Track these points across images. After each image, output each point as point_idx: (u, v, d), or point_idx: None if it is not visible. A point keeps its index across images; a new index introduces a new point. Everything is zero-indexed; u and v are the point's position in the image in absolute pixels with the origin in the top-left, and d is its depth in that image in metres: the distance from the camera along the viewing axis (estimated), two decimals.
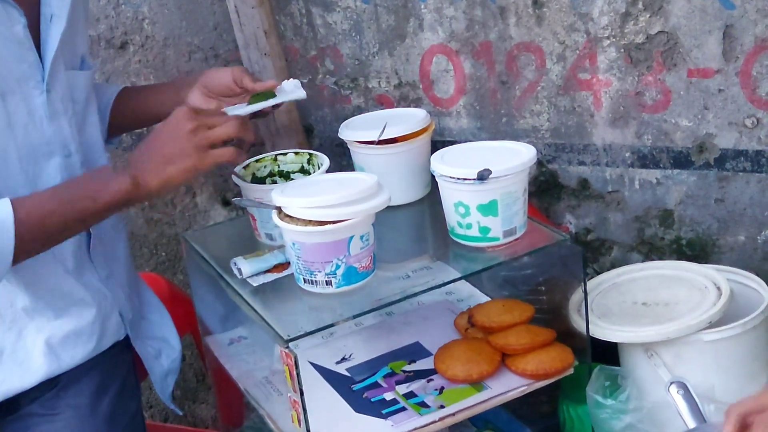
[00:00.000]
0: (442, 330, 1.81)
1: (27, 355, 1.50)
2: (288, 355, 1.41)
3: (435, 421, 1.59)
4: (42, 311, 1.49)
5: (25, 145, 1.41)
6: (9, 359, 1.49)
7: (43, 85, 1.44)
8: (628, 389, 1.67)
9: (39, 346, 1.50)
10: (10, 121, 1.40)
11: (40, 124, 1.44)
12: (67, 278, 1.51)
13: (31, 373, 1.50)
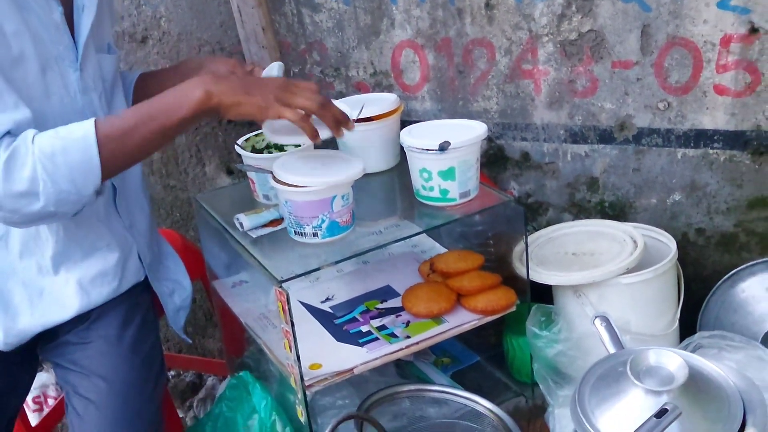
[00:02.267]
0: (409, 275, 1.81)
1: (62, 293, 1.49)
2: (281, 293, 1.41)
3: (402, 348, 1.59)
4: (71, 256, 1.48)
5: (60, 113, 1.39)
6: (48, 298, 1.48)
7: (77, 64, 1.42)
8: (560, 323, 1.68)
9: (72, 285, 1.49)
10: (48, 92, 1.38)
11: (74, 96, 1.42)
12: (98, 225, 1.50)
13: (66, 308, 1.49)
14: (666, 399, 1.24)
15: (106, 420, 1.43)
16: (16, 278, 1.46)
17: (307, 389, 1.50)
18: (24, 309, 1.47)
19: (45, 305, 1.48)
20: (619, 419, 1.27)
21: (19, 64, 1.32)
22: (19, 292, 1.47)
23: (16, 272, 1.46)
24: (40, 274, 1.47)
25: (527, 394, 1.78)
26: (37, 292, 1.47)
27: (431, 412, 1.66)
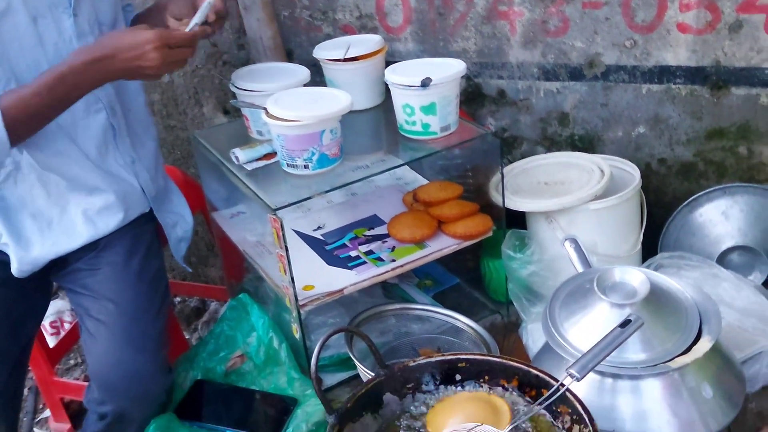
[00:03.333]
0: (394, 205, 1.80)
1: (71, 223, 1.46)
2: (275, 220, 1.40)
3: (388, 271, 1.59)
4: (77, 189, 1.45)
5: (56, 59, 1.34)
6: (57, 227, 1.46)
7: (70, 10, 1.36)
8: (533, 246, 1.68)
9: (79, 216, 1.47)
10: (42, 40, 1.33)
11: (69, 42, 1.37)
12: (89, 165, 1.46)
13: (75, 237, 1.47)
14: (629, 311, 1.25)
15: (116, 338, 1.42)
16: (26, 211, 1.44)
17: (301, 308, 1.50)
18: (35, 239, 1.45)
19: (55, 235, 1.46)
20: (587, 330, 1.28)
21: (5, 17, 1.28)
22: (29, 223, 1.45)
23: (25, 205, 1.43)
24: (48, 206, 1.44)
25: (503, 312, 1.79)
26: (46, 223, 1.45)
27: (415, 328, 1.66)
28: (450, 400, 1.18)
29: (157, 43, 1.30)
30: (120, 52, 1.30)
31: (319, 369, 1.63)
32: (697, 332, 1.26)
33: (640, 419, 1.23)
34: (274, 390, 1.53)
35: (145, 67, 1.31)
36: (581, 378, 1.09)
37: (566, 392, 1.09)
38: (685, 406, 1.22)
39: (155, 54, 1.30)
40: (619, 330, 1.16)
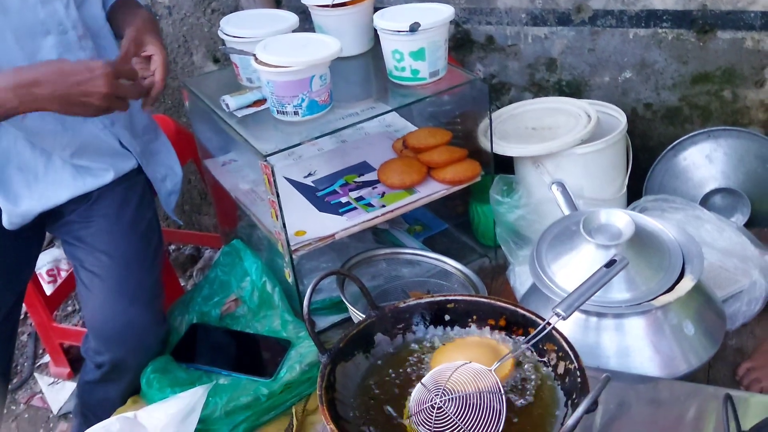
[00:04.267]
0: (383, 152, 1.78)
1: (57, 176, 1.44)
2: (266, 166, 1.39)
3: (378, 216, 1.59)
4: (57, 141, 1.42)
5: (20, 26, 1.29)
6: (44, 180, 1.43)
7: None
8: (521, 191, 1.68)
9: (67, 169, 1.44)
10: (4, 7, 1.28)
11: (34, 7, 1.31)
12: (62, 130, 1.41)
13: (63, 189, 1.45)
14: (614, 252, 1.25)
15: (110, 290, 1.42)
16: (12, 164, 1.41)
17: (293, 253, 1.50)
18: (23, 192, 1.43)
19: (42, 188, 1.44)
20: (573, 271, 1.29)
21: None
22: (16, 177, 1.42)
23: (11, 159, 1.40)
24: (34, 158, 1.42)
25: (491, 255, 1.80)
26: (33, 175, 1.42)
27: (405, 272, 1.67)
28: (459, 342, 1.18)
29: (107, 69, 1.22)
30: (63, 75, 1.20)
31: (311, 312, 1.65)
32: (680, 272, 1.28)
33: (624, 355, 1.24)
34: (268, 332, 1.54)
35: (89, 93, 1.21)
36: (567, 317, 1.10)
37: (552, 330, 1.09)
38: (667, 342, 1.23)
39: (102, 81, 1.21)
40: (604, 270, 1.16)
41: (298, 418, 1.38)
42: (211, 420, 1.34)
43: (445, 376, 1.07)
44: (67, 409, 2.04)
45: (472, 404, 1.03)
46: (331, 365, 1.10)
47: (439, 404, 1.03)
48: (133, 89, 1.31)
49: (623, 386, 1.19)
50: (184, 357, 1.50)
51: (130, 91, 1.30)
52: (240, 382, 1.42)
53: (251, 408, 1.37)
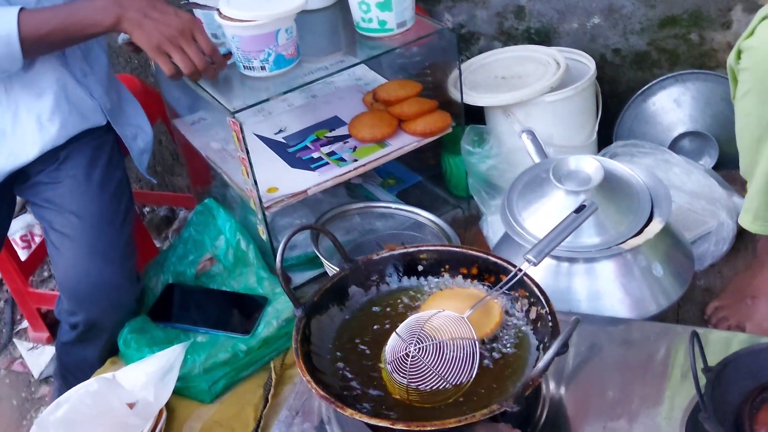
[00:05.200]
0: (354, 105, 1.76)
1: (25, 132, 1.41)
2: (235, 123, 1.37)
3: (350, 170, 1.58)
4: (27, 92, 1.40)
5: None
6: (12, 137, 1.41)
7: None
8: (491, 141, 1.67)
9: (32, 123, 1.41)
10: None
11: None
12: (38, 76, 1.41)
13: (31, 145, 1.42)
14: (584, 197, 1.26)
15: (81, 251, 1.40)
16: None
17: (266, 210, 1.49)
18: None
19: (10, 145, 1.41)
20: (544, 218, 1.29)
21: None
22: None
23: None
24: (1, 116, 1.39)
25: (464, 206, 1.80)
26: (1, 133, 1.40)
27: (379, 225, 1.67)
28: (445, 293, 1.18)
29: (188, 25, 1.34)
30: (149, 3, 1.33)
31: (287, 268, 1.66)
32: (649, 215, 1.28)
33: (595, 299, 1.26)
34: (244, 290, 1.54)
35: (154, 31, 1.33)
36: (538, 262, 1.11)
37: (524, 277, 1.10)
38: (637, 284, 1.25)
39: (179, 22, 1.33)
40: (574, 215, 1.17)
41: (276, 372, 1.38)
42: (190, 377, 1.35)
43: (418, 325, 1.08)
44: (48, 373, 2.04)
45: (446, 351, 1.04)
46: (306, 319, 1.10)
47: (413, 353, 1.04)
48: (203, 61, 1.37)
49: (594, 329, 1.20)
50: (160, 317, 1.50)
51: (195, 58, 1.36)
52: (218, 339, 1.42)
53: (230, 364, 1.37)
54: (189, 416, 1.34)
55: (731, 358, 0.97)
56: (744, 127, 1.24)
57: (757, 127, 1.20)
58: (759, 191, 1.24)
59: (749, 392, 0.96)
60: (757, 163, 1.22)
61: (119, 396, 1.26)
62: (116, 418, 1.23)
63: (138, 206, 2.53)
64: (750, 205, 1.27)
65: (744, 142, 1.25)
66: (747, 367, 0.97)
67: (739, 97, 1.23)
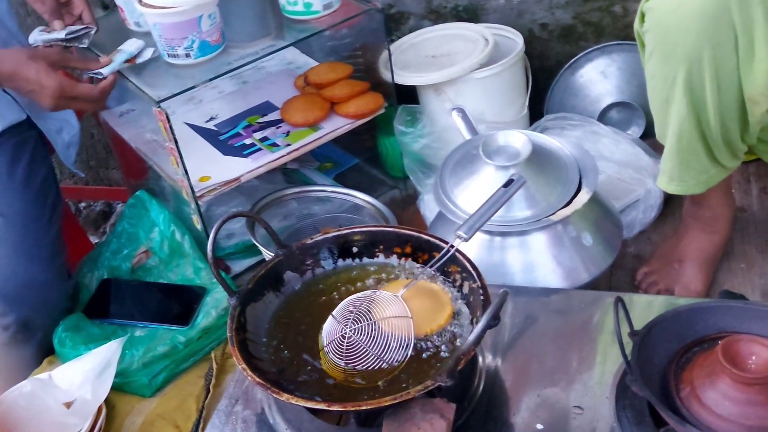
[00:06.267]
0: (285, 90, 1.75)
1: None
2: (160, 112, 1.34)
3: (284, 155, 1.57)
4: None
5: None
6: None
7: None
8: (424, 120, 1.68)
9: None
10: None
11: None
12: None
13: None
14: (513, 172, 1.27)
15: (7, 250, 1.36)
16: None
17: (199, 199, 1.47)
18: None
19: None
20: (475, 194, 1.30)
21: None
22: None
23: None
24: None
25: (401, 187, 1.80)
26: None
27: (316, 209, 1.66)
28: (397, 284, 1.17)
29: (56, 94, 1.31)
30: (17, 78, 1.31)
31: (225, 257, 1.64)
32: (578, 186, 1.31)
33: (528, 271, 1.28)
34: (182, 281, 1.52)
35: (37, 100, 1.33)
36: (469, 238, 1.12)
37: (456, 253, 1.11)
38: (568, 254, 1.27)
39: (50, 101, 1.32)
40: (503, 190, 1.18)
41: (217, 362, 1.37)
42: (129, 372, 1.33)
43: (353, 306, 1.08)
44: None
45: (381, 331, 1.05)
46: (241, 306, 1.09)
47: (349, 334, 1.04)
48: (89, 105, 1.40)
49: (529, 300, 1.22)
50: (96, 313, 1.47)
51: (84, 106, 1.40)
52: (156, 332, 1.40)
53: (169, 356, 1.36)
54: (130, 411, 1.32)
55: (656, 321, 0.99)
56: (652, 90, 1.25)
57: (663, 87, 1.20)
58: (671, 152, 1.24)
59: (674, 353, 0.98)
60: (668, 124, 1.23)
61: (55, 396, 1.23)
62: (53, 418, 1.21)
63: (73, 202, 2.47)
64: (665, 166, 1.28)
65: (655, 105, 1.26)
66: (672, 329, 1.00)
67: (646, 60, 1.24)
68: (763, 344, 0.89)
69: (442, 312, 1.09)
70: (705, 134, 1.19)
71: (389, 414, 0.96)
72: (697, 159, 1.22)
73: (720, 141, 1.19)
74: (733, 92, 1.14)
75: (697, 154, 1.21)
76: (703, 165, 1.23)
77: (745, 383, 0.87)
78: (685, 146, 1.21)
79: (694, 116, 1.17)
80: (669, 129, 1.22)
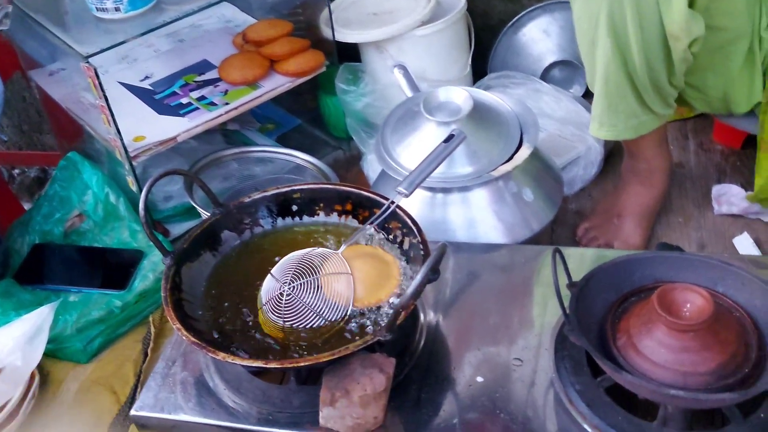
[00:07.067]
0: (224, 48, 1.69)
1: None
2: (89, 68, 1.28)
3: (222, 114, 1.53)
4: None
5: None
6: None
7: None
8: (366, 78, 1.65)
9: None
10: None
11: None
12: None
13: None
14: (454, 128, 1.25)
15: None
16: None
17: (133, 160, 1.42)
18: None
19: None
20: (417, 151, 1.28)
21: None
22: None
23: None
24: None
25: (344, 147, 1.78)
26: None
27: (257, 170, 1.62)
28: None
29: None
30: None
31: (164, 220, 1.60)
32: (519, 142, 1.30)
33: (470, 227, 1.27)
34: (118, 245, 1.47)
35: None
36: (409, 194, 1.10)
37: (396, 209, 1.09)
38: (509, 210, 1.27)
39: None
40: (443, 145, 1.16)
41: (155, 326, 1.34)
42: (62, 338, 1.28)
43: (292, 264, 1.06)
44: None
45: (320, 288, 1.03)
46: (176, 266, 1.06)
47: (287, 291, 1.02)
48: None
49: (471, 256, 1.21)
50: (28, 279, 1.41)
51: None
52: (91, 297, 1.36)
53: (105, 321, 1.32)
54: (65, 378, 1.28)
55: (594, 272, 1.00)
56: (579, 33, 1.23)
57: (588, 29, 1.19)
58: (600, 95, 1.23)
59: (612, 303, 0.99)
60: (595, 67, 1.21)
61: None
62: None
63: (5, 168, 2.37)
64: (595, 111, 1.26)
65: (583, 49, 1.24)
66: (609, 280, 1.00)
67: (572, 2, 1.22)
68: (698, 292, 0.90)
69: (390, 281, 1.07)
70: (632, 76, 1.18)
71: (329, 370, 0.94)
72: (625, 102, 1.21)
73: (648, 83, 1.19)
74: (655, 30, 1.14)
75: (625, 97, 1.20)
76: (633, 109, 1.22)
77: (679, 330, 0.88)
78: (612, 89, 1.20)
79: (619, 57, 1.16)
80: (597, 72, 1.21)
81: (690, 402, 0.86)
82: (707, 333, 0.88)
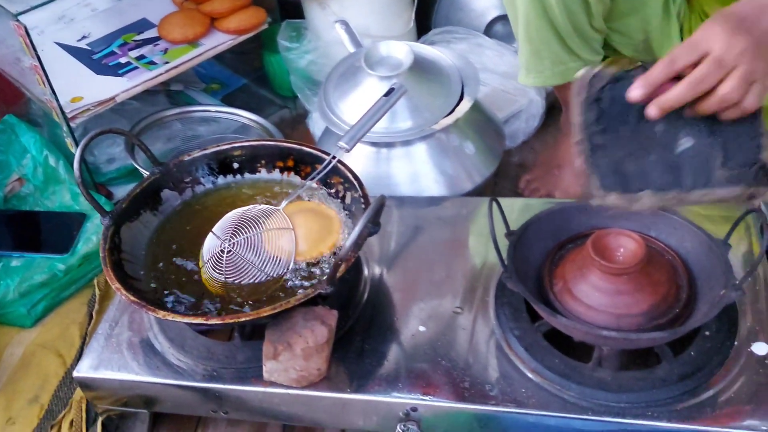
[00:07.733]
0: (164, 6, 1.63)
1: None
2: (19, 26, 1.23)
3: (162, 74, 1.48)
4: None
5: None
6: None
7: None
8: (309, 35, 1.62)
9: None
10: None
11: None
12: None
13: None
14: (395, 82, 1.24)
15: None
16: None
17: (71, 121, 1.37)
18: None
19: None
20: (359, 106, 1.26)
21: None
22: None
23: None
24: None
25: (290, 106, 1.75)
26: None
27: (202, 130, 1.59)
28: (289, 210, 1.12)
29: None
30: None
31: (107, 183, 1.56)
32: (460, 96, 1.29)
33: (413, 181, 1.27)
34: (60, 208, 1.43)
35: None
36: (350, 148, 1.09)
37: (338, 164, 1.08)
38: (451, 163, 1.27)
39: None
40: (384, 99, 1.15)
41: (100, 288, 1.31)
42: (5, 303, 1.25)
43: (233, 221, 1.05)
44: None
45: (261, 243, 1.02)
46: (115, 226, 1.04)
47: (228, 248, 1.01)
48: None
49: (415, 210, 1.21)
50: None
51: None
52: (34, 261, 1.32)
53: (48, 285, 1.29)
54: (9, 342, 1.25)
55: (531, 221, 1.00)
56: None
57: None
58: (523, 42, 1.21)
59: (549, 251, 1.00)
60: (517, 14, 1.19)
61: None
62: None
63: None
64: (521, 59, 1.24)
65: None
66: (547, 228, 1.01)
67: None
68: (631, 237, 0.92)
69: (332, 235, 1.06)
70: (553, 21, 1.16)
71: (271, 325, 0.94)
72: (549, 48, 1.19)
73: (569, 27, 1.16)
74: None
75: (548, 43, 1.18)
76: (559, 55, 1.20)
77: (613, 273, 0.89)
78: (534, 35, 1.18)
79: (538, 2, 1.14)
80: (519, 19, 1.18)
81: (622, 342, 0.88)
82: (640, 276, 0.90)
